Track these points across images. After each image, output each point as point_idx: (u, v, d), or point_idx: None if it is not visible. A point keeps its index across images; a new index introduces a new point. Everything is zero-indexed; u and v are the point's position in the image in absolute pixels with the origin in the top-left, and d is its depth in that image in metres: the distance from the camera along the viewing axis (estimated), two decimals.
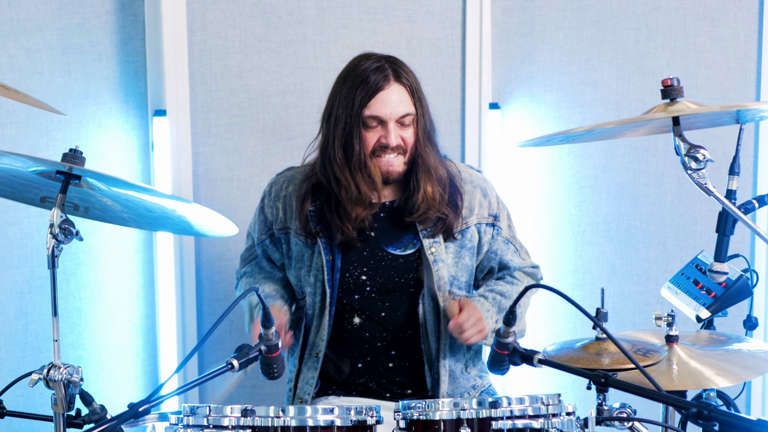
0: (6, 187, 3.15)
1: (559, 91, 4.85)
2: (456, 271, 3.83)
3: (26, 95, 3.16)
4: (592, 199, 4.90)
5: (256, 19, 4.69)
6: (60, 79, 4.58)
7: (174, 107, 4.65)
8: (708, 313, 3.57)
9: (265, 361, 2.90)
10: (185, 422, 2.84)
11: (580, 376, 2.73)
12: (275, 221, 3.88)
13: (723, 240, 3.23)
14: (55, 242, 2.89)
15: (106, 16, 4.61)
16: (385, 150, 3.69)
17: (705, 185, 2.85)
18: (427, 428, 2.87)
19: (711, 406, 2.37)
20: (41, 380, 2.91)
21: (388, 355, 3.83)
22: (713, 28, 4.76)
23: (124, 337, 4.79)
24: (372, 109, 3.66)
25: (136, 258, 4.77)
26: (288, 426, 2.80)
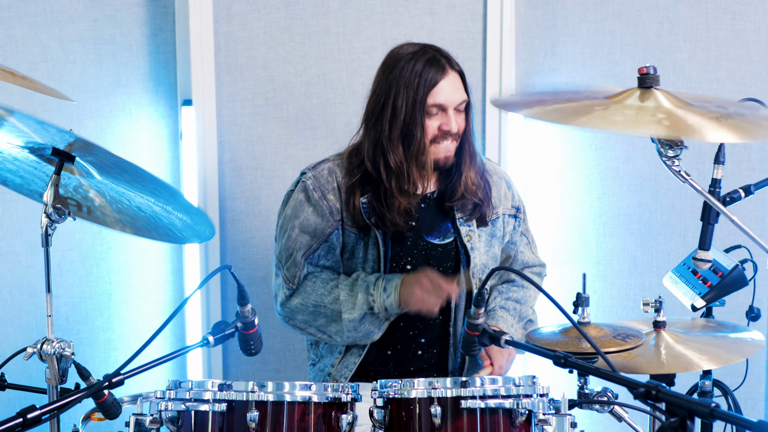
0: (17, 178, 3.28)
1: (581, 83, 4.87)
2: (487, 260, 3.94)
3: (33, 81, 3.26)
4: (613, 191, 4.92)
5: (280, 11, 4.79)
6: (92, 69, 4.71)
7: (200, 97, 4.75)
8: (703, 302, 3.60)
9: (242, 337, 2.99)
10: (168, 396, 2.94)
11: (542, 356, 2.78)
12: (332, 212, 3.87)
13: (707, 228, 3.27)
14: (48, 221, 2.99)
15: (136, 7, 4.73)
16: (445, 136, 3.79)
17: (680, 173, 2.88)
18: (402, 406, 2.94)
19: (660, 386, 2.42)
20: (35, 354, 3.01)
21: (417, 343, 3.91)
22: (735, 22, 4.76)
23: (153, 321, 4.91)
24: (435, 98, 3.76)
25: (164, 244, 4.88)
26: (265, 401, 2.89)
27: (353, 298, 3.76)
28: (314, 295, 3.82)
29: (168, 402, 2.93)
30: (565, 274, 4.86)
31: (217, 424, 2.90)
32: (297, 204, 3.90)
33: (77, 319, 4.78)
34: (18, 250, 4.67)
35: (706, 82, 4.78)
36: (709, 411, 2.31)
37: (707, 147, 3.23)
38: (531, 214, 4.27)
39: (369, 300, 3.75)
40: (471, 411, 2.89)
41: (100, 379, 3.17)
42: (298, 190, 3.92)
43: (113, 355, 4.85)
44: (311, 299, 3.82)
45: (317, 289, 3.83)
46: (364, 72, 4.77)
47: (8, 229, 4.65)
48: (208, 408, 2.89)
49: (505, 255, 4.06)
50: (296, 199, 3.91)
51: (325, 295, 3.81)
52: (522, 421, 2.90)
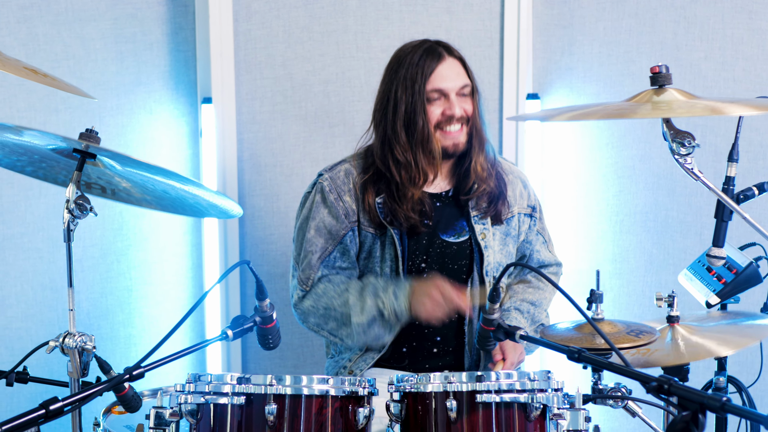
0: (37, 169, 3.33)
1: (598, 82, 4.91)
2: (501, 258, 3.97)
3: (55, 79, 3.30)
4: (630, 189, 4.94)
5: (299, 9, 4.83)
6: (113, 67, 4.76)
7: (220, 95, 4.80)
8: (717, 299, 3.62)
9: (260, 332, 3.02)
10: (188, 389, 2.99)
11: (556, 351, 2.80)
12: (348, 214, 3.89)
13: (721, 225, 3.29)
14: (70, 217, 3.03)
15: (157, 6, 4.78)
16: (450, 121, 3.82)
17: (692, 170, 2.91)
18: (417, 400, 2.98)
19: (672, 380, 2.44)
20: (57, 347, 3.05)
21: (433, 341, 3.94)
22: (751, 21, 4.77)
23: (173, 317, 4.92)
24: (434, 83, 3.81)
25: (185, 240, 4.94)
26: (283, 394, 2.93)
27: (362, 302, 3.78)
28: (325, 298, 3.84)
29: (188, 395, 2.97)
30: (582, 272, 4.88)
31: (235, 417, 2.94)
32: (313, 205, 3.93)
33: (98, 315, 4.83)
34: (40, 246, 4.72)
35: (722, 81, 4.79)
36: (720, 405, 2.33)
37: (722, 145, 3.25)
38: (548, 212, 4.30)
39: (378, 304, 3.76)
40: (486, 405, 2.92)
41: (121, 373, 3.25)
42: (315, 191, 3.95)
43: (133, 350, 4.89)
44: (322, 302, 3.85)
45: (328, 292, 3.85)
46: (382, 70, 4.68)
47: (30, 225, 4.70)
48: (227, 401, 2.93)
49: (521, 254, 4.09)
50: (312, 200, 3.94)
51: (335, 298, 3.83)
52: (537, 416, 2.93)
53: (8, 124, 3.02)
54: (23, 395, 4.63)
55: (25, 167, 3.35)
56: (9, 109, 4.61)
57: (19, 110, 4.63)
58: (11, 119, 4.61)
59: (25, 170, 3.38)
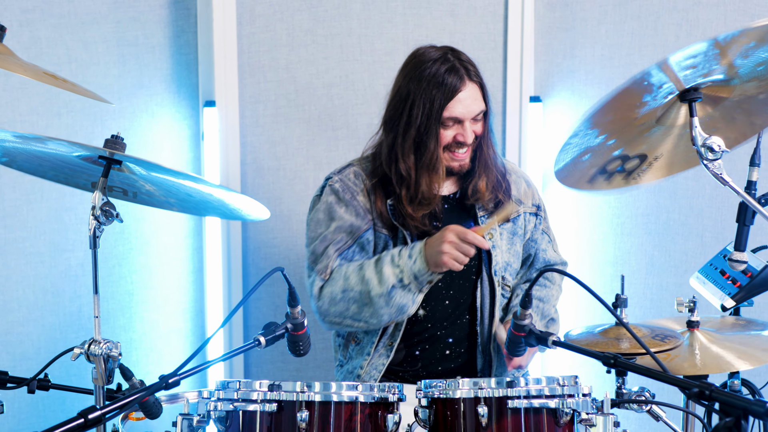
0: (59, 174, 3.32)
1: (600, 85, 4.92)
2: (509, 258, 3.98)
3: (75, 84, 3.30)
4: (631, 191, 4.95)
5: (303, 12, 4.82)
6: (115, 71, 4.74)
7: (223, 98, 4.78)
8: (732, 303, 3.63)
9: (291, 338, 3.02)
10: (217, 396, 2.98)
11: (591, 357, 2.81)
12: (365, 212, 3.89)
13: (743, 230, 3.30)
14: (96, 224, 3.02)
15: (159, 9, 4.76)
16: (460, 146, 3.81)
17: (720, 175, 2.92)
18: (447, 406, 2.98)
19: (712, 386, 2.46)
20: (82, 354, 3.04)
21: (445, 343, 3.94)
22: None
23: (174, 321, 4.95)
24: (451, 111, 3.76)
25: (186, 244, 4.92)
26: (312, 401, 2.92)
27: (379, 274, 3.76)
28: (341, 280, 3.81)
29: (217, 402, 2.96)
30: (583, 274, 4.90)
31: (265, 423, 2.93)
32: (328, 207, 3.91)
33: (102, 319, 4.78)
34: (41, 250, 4.70)
35: None
36: (764, 410, 2.35)
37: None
38: (549, 214, 4.31)
39: (396, 271, 3.75)
40: (516, 411, 2.92)
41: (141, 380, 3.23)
42: (327, 193, 3.93)
43: (134, 354, 4.87)
44: (339, 285, 3.81)
45: (343, 274, 3.82)
46: (386, 73, 4.80)
47: (32, 230, 4.68)
48: (257, 408, 2.92)
49: (526, 253, 4.10)
50: (326, 202, 3.92)
51: (350, 278, 3.80)
52: (566, 421, 2.93)
53: (32, 135, 3.02)
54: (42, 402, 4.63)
55: (46, 172, 3.34)
56: (11, 112, 4.59)
57: (21, 114, 4.60)
58: (13, 123, 4.59)
59: (47, 175, 3.36)
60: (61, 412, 4.75)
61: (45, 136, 2.99)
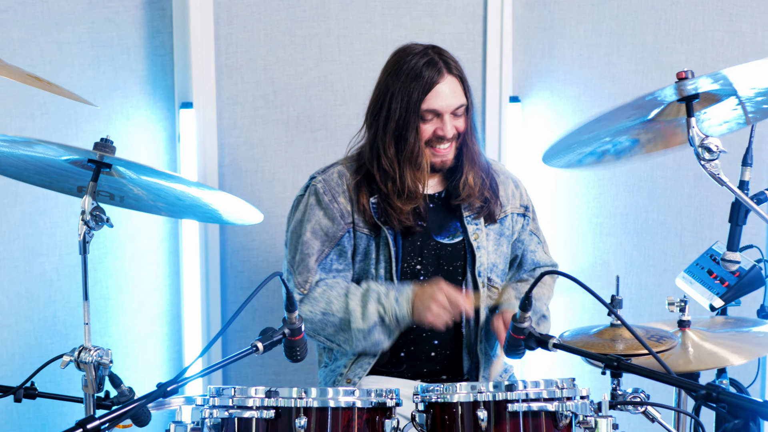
0: (44, 177, 3.25)
1: (578, 84, 4.92)
2: (495, 258, 3.95)
3: (59, 87, 3.25)
4: (610, 191, 4.96)
5: (281, 13, 4.78)
6: (89, 72, 4.68)
7: (201, 100, 4.74)
8: (721, 302, 3.64)
9: (288, 344, 2.98)
10: (211, 403, 2.93)
11: (593, 359, 2.80)
12: (343, 215, 3.85)
13: (735, 230, 3.31)
14: (86, 229, 2.97)
15: (134, 10, 4.71)
16: (441, 140, 3.79)
17: (718, 176, 2.91)
18: (444, 410, 2.95)
19: (720, 388, 2.45)
20: (72, 362, 2.98)
21: (431, 345, 3.90)
22: (731, 23, 4.82)
23: (150, 325, 4.89)
24: (429, 103, 3.75)
25: (162, 247, 4.86)
26: (310, 407, 2.89)
27: (363, 308, 3.74)
28: (323, 302, 3.79)
29: (212, 409, 2.91)
30: None
31: (262, 430, 2.89)
32: (308, 208, 3.88)
33: (74, 324, 4.75)
34: (15, 255, 4.63)
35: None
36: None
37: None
38: None
39: (380, 310, 3.73)
40: (514, 414, 2.90)
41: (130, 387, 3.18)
42: (309, 193, 3.91)
43: None
44: (320, 307, 3.79)
45: (326, 296, 3.79)
46: (364, 74, 4.77)
47: (5, 235, 4.61)
48: (254, 415, 2.88)
49: (514, 254, 4.08)
50: (306, 203, 3.90)
51: (333, 303, 3.78)
52: (565, 424, 2.91)
53: (21, 138, 2.96)
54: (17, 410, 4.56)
55: (31, 176, 3.28)
56: None
57: None
58: None
59: (31, 179, 3.30)
60: (36, 419, 4.68)
61: (35, 139, 2.93)
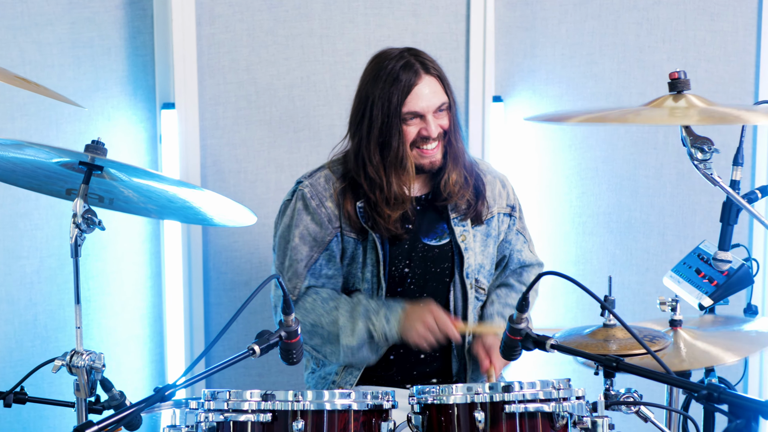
0: (32, 180, 3.22)
1: (560, 84, 4.92)
2: (482, 260, 3.94)
3: (46, 88, 3.23)
4: (593, 190, 4.97)
5: (263, 13, 4.75)
6: (70, 73, 4.64)
7: (183, 100, 4.70)
8: (710, 301, 3.64)
9: (284, 346, 2.96)
10: (206, 407, 2.91)
11: (591, 360, 2.79)
12: (331, 220, 3.84)
13: (727, 229, 3.32)
14: (78, 232, 2.95)
15: (115, 10, 4.67)
16: (426, 141, 3.78)
17: (711, 176, 2.92)
18: (441, 412, 2.94)
19: (720, 388, 2.45)
20: (64, 366, 2.96)
21: (420, 348, 3.89)
22: (713, 23, 4.84)
23: (132, 328, 4.85)
24: (410, 106, 3.74)
25: (143, 249, 4.83)
26: (307, 410, 2.87)
27: (353, 324, 3.73)
28: (313, 314, 3.78)
29: (208, 413, 2.89)
30: None
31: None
32: (295, 213, 3.87)
33: (56, 327, 4.71)
34: None
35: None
36: None
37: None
38: None
39: (369, 327, 3.73)
40: (511, 416, 2.90)
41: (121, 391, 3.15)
42: (296, 198, 3.89)
43: None
44: (309, 318, 3.78)
45: (316, 309, 3.78)
46: (347, 74, 4.76)
47: None
48: (251, 418, 2.87)
49: (501, 255, 4.07)
50: (294, 208, 3.88)
51: (323, 316, 3.77)
52: (562, 425, 2.91)
53: (11, 141, 2.93)
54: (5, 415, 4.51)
55: (19, 179, 3.25)
56: None
57: None
58: None
59: (19, 182, 3.27)
60: (17, 423, 4.64)
61: (25, 141, 2.90)
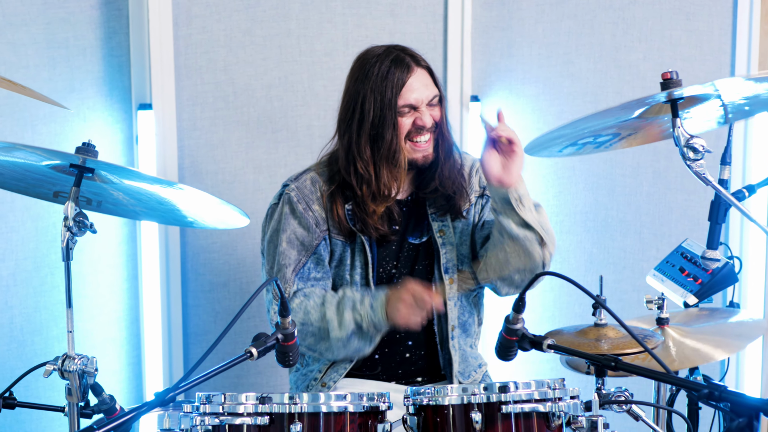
0: (20, 183, 3.19)
1: (537, 83, 4.94)
2: (463, 249, 3.93)
3: (33, 90, 3.21)
4: (569, 189, 4.99)
5: (241, 13, 4.73)
6: (45, 74, 4.60)
7: (160, 101, 4.67)
8: (695, 299, 3.67)
9: (281, 349, 2.94)
10: (201, 410, 2.89)
11: (589, 360, 2.80)
12: (318, 223, 3.82)
13: (715, 228, 3.34)
14: (69, 235, 2.93)
15: (90, 10, 4.64)
16: (420, 132, 3.77)
17: (703, 175, 2.93)
18: (436, 413, 2.94)
19: (722, 387, 2.46)
20: (56, 371, 2.93)
21: (405, 345, 3.89)
22: (688, 22, 4.87)
23: (108, 330, 4.82)
24: (405, 98, 3.74)
25: (119, 251, 4.80)
26: (303, 413, 2.86)
27: (340, 317, 3.71)
28: (301, 313, 3.75)
29: (204, 416, 2.87)
30: None
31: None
32: (282, 217, 3.84)
33: (32, 330, 4.67)
34: None
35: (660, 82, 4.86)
36: None
37: (660, 146, 3.31)
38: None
39: (356, 317, 3.70)
40: (506, 416, 2.89)
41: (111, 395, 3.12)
42: (283, 202, 3.87)
43: None
44: (298, 318, 3.75)
45: (304, 308, 3.75)
46: (325, 74, 4.75)
47: None
48: (247, 421, 2.85)
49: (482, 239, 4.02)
50: (281, 212, 3.86)
51: (311, 314, 3.74)
52: (558, 425, 2.91)
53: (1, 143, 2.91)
54: None
55: (6, 182, 3.22)
56: None
57: None
58: None
59: (6, 185, 3.24)
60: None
61: (18, 144, 2.87)
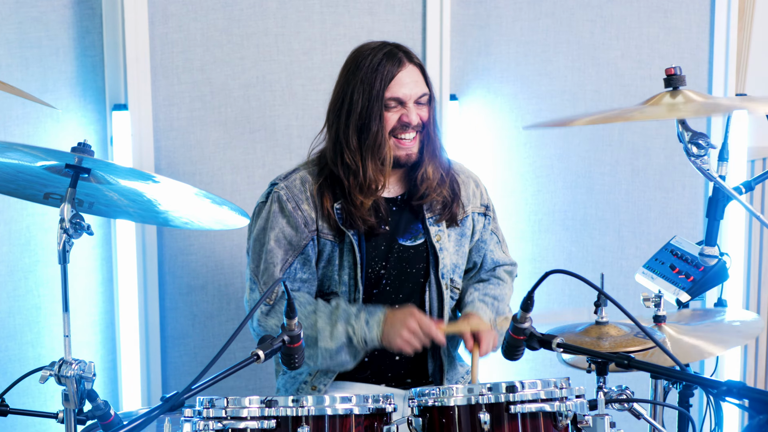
0: (10, 184, 3.12)
1: (515, 82, 4.92)
2: (457, 259, 3.92)
3: (20, 90, 3.16)
4: (548, 188, 4.98)
5: (218, 12, 4.67)
6: (18, 74, 4.51)
7: (136, 101, 4.59)
8: (688, 297, 3.66)
9: (287, 351, 2.91)
10: (204, 414, 2.84)
11: (600, 358, 2.78)
12: (307, 223, 3.78)
13: (713, 224, 3.33)
14: (66, 237, 2.87)
15: (63, 9, 4.55)
16: (405, 129, 3.75)
17: (707, 171, 2.92)
18: (442, 414, 2.91)
19: (740, 383, 2.45)
20: (52, 377, 2.87)
21: None
22: (666, 20, 4.88)
23: (83, 334, 4.74)
24: (393, 91, 3.72)
25: (94, 254, 4.72)
26: (308, 416, 2.82)
27: (331, 327, 3.67)
28: None
29: (208, 421, 2.82)
30: None
31: None
32: (270, 216, 3.80)
33: (5, 335, 4.59)
34: None
35: (639, 79, 4.88)
36: None
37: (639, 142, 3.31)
38: None
39: (349, 331, 3.67)
40: (513, 416, 2.87)
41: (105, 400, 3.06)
42: (271, 201, 3.82)
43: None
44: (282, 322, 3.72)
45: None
46: (303, 73, 4.71)
47: None
48: (252, 425, 2.81)
49: (477, 255, 4.04)
50: (269, 210, 3.81)
51: (301, 320, 3.69)
52: (564, 425, 2.89)
53: None
54: None
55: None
56: None
57: None
58: None
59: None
60: None
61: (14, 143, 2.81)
